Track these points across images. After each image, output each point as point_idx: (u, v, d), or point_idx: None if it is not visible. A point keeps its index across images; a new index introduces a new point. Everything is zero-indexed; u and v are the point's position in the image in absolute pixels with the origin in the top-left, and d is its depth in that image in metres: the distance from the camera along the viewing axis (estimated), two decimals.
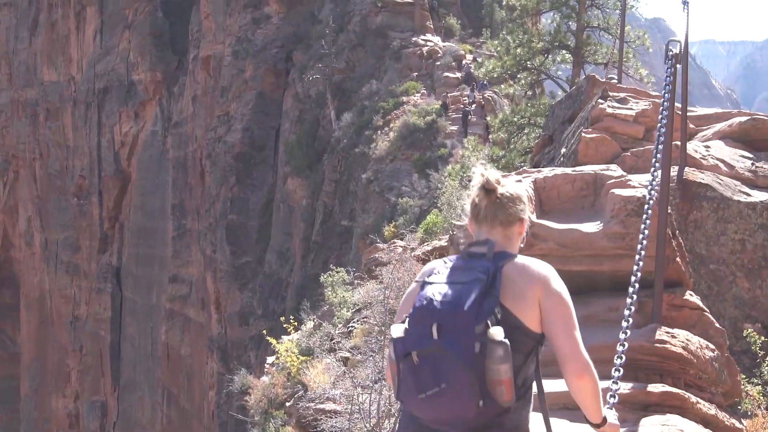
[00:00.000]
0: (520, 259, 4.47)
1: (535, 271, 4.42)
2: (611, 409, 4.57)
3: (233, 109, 56.55)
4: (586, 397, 4.40)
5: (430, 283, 4.38)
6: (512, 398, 4.09)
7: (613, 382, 5.42)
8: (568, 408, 6.86)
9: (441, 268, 4.49)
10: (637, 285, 6.42)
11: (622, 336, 5.84)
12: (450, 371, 4.07)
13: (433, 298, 4.23)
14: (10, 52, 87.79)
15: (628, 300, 6.31)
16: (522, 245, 4.58)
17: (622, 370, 5.45)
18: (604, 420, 4.51)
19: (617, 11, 30.06)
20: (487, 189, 4.46)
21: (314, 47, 51.50)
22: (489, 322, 4.11)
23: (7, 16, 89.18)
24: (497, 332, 4.07)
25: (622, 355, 5.44)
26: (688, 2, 11.14)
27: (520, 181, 8.92)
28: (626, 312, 6.08)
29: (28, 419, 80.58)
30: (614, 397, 5.49)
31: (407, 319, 4.30)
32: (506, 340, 4.11)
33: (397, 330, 4.24)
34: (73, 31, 79.89)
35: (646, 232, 6.84)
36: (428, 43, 45.69)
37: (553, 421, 6.22)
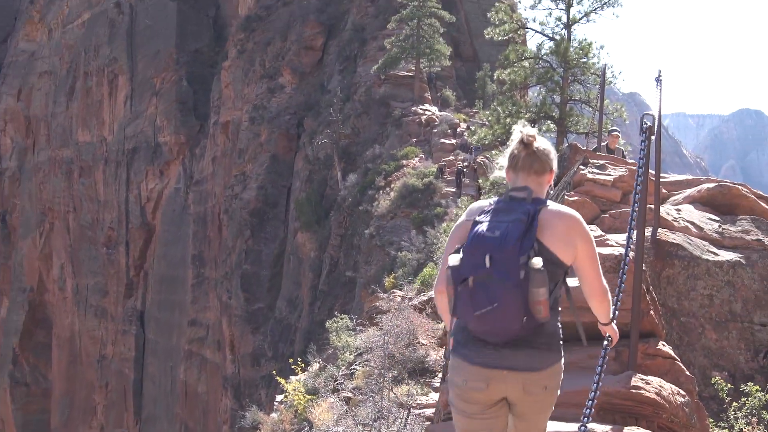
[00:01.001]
0: (552, 205, 5.21)
1: (569, 216, 5.21)
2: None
3: (249, 169, 56.73)
4: (604, 310, 5.65)
5: (481, 222, 5.12)
6: (548, 315, 4.95)
7: (581, 426, 5.52)
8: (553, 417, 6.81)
9: (488, 207, 5.25)
10: (608, 334, 6.58)
11: (592, 387, 5.89)
12: (500, 293, 4.85)
13: (485, 233, 4.97)
14: (48, 116, 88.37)
15: (602, 350, 6.37)
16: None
17: (590, 408, 5.63)
18: (611, 320, 5.85)
19: (597, 86, 30.29)
20: (525, 143, 5.20)
21: (323, 114, 51.77)
22: (530, 254, 4.87)
23: (47, 83, 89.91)
24: (537, 262, 4.83)
25: (591, 400, 5.70)
26: (661, 79, 11.24)
27: None
28: (600, 360, 6.15)
29: None
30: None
31: (462, 251, 5.05)
32: (544, 269, 4.86)
33: (454, 259, 5.01)
34: (106, 97, 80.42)
35: (623, 287, 6.89)
36: (426, 112, 45.89)
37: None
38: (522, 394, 5.19)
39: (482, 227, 5.04)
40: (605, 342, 6.23)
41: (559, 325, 5.29)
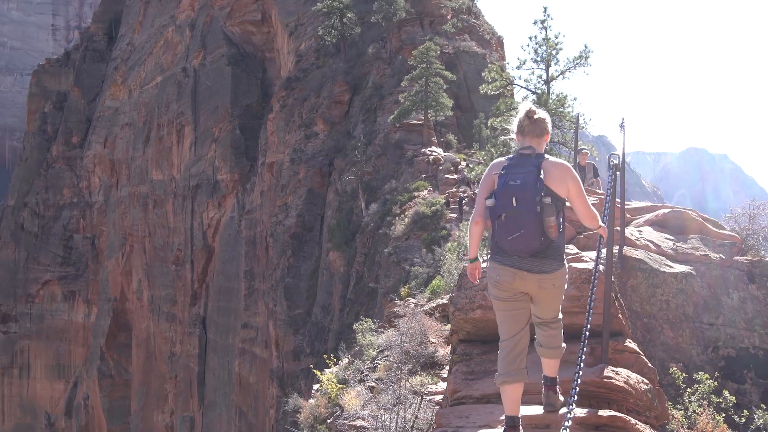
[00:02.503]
0: (550, 158, 6.43)
1: (562, 164, 6.41)
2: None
3: (290, 201, 56.85)
4: (595, 224, 6.68)
5: (504, 174, 6.32)
6: (557, 234, 6.31)
7: (567, 412, 5.53)
8: (538, 428, 6.76)
9: (506, 163, 6.43)
10: (588, 334, 6.59)
11: (575, 378, 5.88)
12: (525, 222, 6.15)
13: (509, 183, 6.22)
14: (129, 159, 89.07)
15: (580, 348, 6.37)
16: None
17: (575, 397, 5.66)
18: (601, 225, 6.77)
19: (572, 131, 30.22)
20: (529, 115, 6.49)
21: (349, 156, 51.83)
22: (542, 194, 6.14)
23: (127, 133, 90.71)
24: (547, 199, 6.17)
25: (574, 389, 5.96)
26: (623, 125, 11.24)
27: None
28: (579, 356, 6.13)
29: (136, 430, 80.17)
30: (570, 420, 5.58)
31: (494, 195, 6.34)
32: (552, 203, 6.21)
33: (490, 202, 6.33)
34: (175, 144, 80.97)
35: (595, 295, 6.89)
36: (433, 153, 45.88)
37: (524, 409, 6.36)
38: (537, 289, 6.49)
39: (506, 178, 6.27)
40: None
41: (563, 242, 6.57)
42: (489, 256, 6.66)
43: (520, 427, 6.31)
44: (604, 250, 7.54)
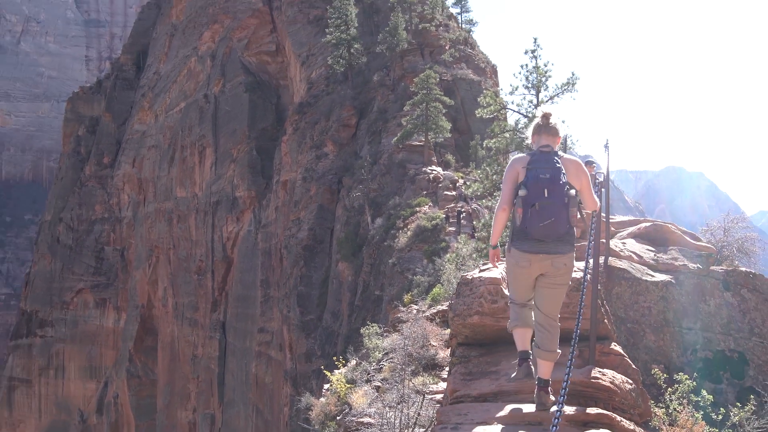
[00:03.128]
0: (564, 155, 6.93)
1: (575, 161, 6.96)
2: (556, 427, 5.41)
3: (302, 216, 56.90)
4: (596, 207, 7.29)
5: (532, 168, 6.72)
6: (574, 223, 6.76)
7: (557, 409, 5.52)
8: (531, 424, 6.73)
9: (530, 158, 6.84)
10: (577, 338, 6.55)
11: (564, 377, 5.87)
12: (556, 211, 6.56)
13: (540, 175, 6.60)
14: (155, 178, 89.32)
15: (570, 350, 6.35)
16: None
17: (564, 395, 5.64)
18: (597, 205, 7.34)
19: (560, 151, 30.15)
20: (546, 116, 6.98)
21: (357, 174, 51.91)
22: (568, 187, 6.64)
23: (154, 155, 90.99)
24: (573, 192, 6.71)
25: (564, 389, 5.89)
26: (608, 146, 11.22)
27: (496, 267, 8.90)
28: (569, 358, 6.11)
29: (161, 426, 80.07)
30: (559, 416, 5.56)
31: (526, 186, 6.66)
32: (575, 196, 6.74)
33: (522, 192, 6.64)
34: (197, 164, 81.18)
35: (583, 302, 6.86)
36: (433, 172, 45.92)
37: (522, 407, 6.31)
38: (551, 268, 6.84)
39: (535, 172, 6.65)
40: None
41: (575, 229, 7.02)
42: (510, 241, 7.01)
43: (529, 360, 7.06)
44: (591, 260, 7.52)
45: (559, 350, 6.89)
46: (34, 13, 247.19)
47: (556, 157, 6.78)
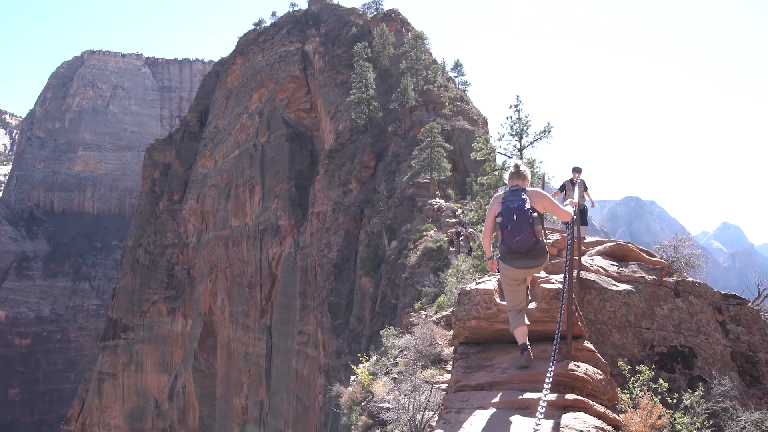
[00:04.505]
0: (529, 188, 7.54)
1: (538, 191, 7.57)
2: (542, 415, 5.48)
3: (332, 240, 57.01)
4: (569, 217, 7.69)
5: (504, 201, 7.45)
6: (542, 236, 7.33)
7: (542, 396, 5.46)
8: (520, 408, 6.68)
9: (503, 195, 7.57)
10: (557, 338, 6.50)
11: (548, 370, 5.83)
12: (523, 229, 7.22)
13: (510, 205, 7.32)
14: (215, 211, 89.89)
15: (553, 348, 6.31)
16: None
17: (548, 385, 5.57)
18: (573, 216, 7.80)
19: (540, 186, 30.16)
20: (516, 166, 7.66)
21: (375, 206, 52.05)
22: (532, 211, 7.25)
23: (214, 192, 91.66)
24: (537, 214, 7.29)
25: (548, 380, 5.60)
26: (577, 182, 11.27)
27: (490, 280, 8.88)
28: (551, 356, 6.08)
29: (220, 411, 79.80)
30: (545, 402, 5.50)
31: (501, 215, 7.43)
32: (538, 216, 7.31)
33: (499, 219, 7.43)
34: (248, 199, 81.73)
35: (561, 308, 6.83)
36: (437, 203, 45.88)
37: (511, 416, 6.23)
38: (536, 270, 7.57)
39: (508, 204, 7.35)
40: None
41: (547, 242, 7.78)
42: (500, 257, 7.63)
43: (529, 350, 7.43)
44: (567, 275, 7.51)
45: (528, 322, 7.83)
46: (120, 82, 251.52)
47: (522, 193, 7.47)
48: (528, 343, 7.46)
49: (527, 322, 7.73)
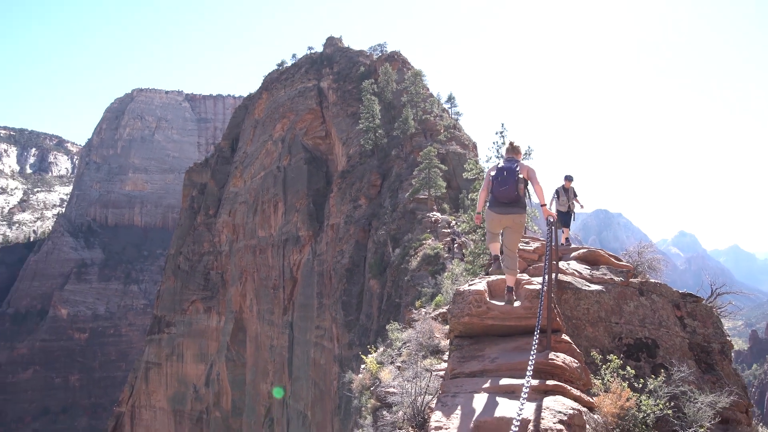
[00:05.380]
0: (522, 162, 7.98)
1: (527, 165, 7.96)
2: (526, 396, 5.48)
3: (344, 248, 56.99)
4: (543, 198, 8.04)
5: (501, 166, 8.00)
6: (524, 193, 7.93)
7: (526, 382, 5.43)
8: (508, 392, 6.65)
9: (501, 162, 8.11)
10: (539, 331, 6.47)
11: (530, 359, 5.80)
12: (509, 183, 7.84)
13: (504, 167, 7.88)
14: (244, 223, 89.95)
15: (533, 340, 6.28)
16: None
17: (531, 372, 5.53)
18: (547, 206, 8.22)
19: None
20: (511, 143, 8.17)
21: (382, 218, 52.05)
22: (518, 173, 7.80)
23: (243, 208, 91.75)
24: (522, 177, 7.84)
25: (530, 367, 5.58)
26: (554, 198, 11.26)
27: (483, 279, 8.87)
28: (532, 347, 6.05)
29: (249, 394, 79.49)
30: (528, 387, 5.47)
31: (495, 171, 8.02)
32: (522, 179, 7.79)
33: (494, 173, 8.00)
34: (272, 213, 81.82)
35: (541, 306, 6.81)
36: (434, 216, 45.87)
37: (499, 399, 6.18)
38: (511, 222, 8.02)
39: (501, 167, 7.90)
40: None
41: (526, 200, 8.09)
42: (488, 206, 8.21)
43: (500, 260, 8.41)
44: (546, 277, 7.48)
45: (518, 269, 8.37)
46: (164, 114, 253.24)
47: (515, 162, 7.98)
48: (500, 254, 8.47)
49: (499, 242, 8.58)
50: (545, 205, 8.33)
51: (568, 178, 16.51)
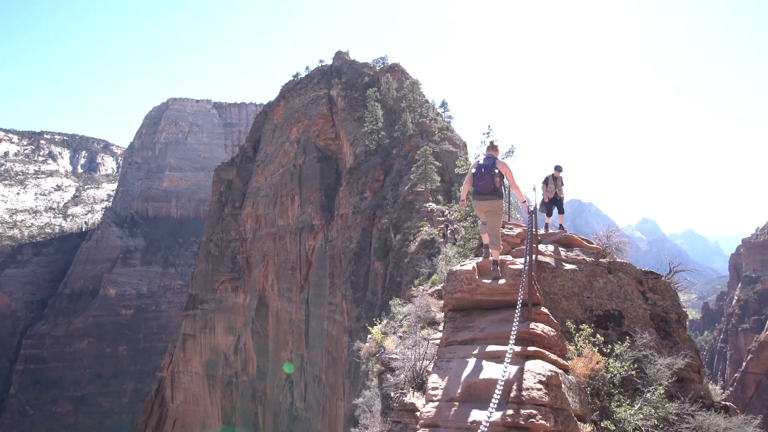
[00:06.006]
0: (499, 159, 8.32)
1: (503, 162, 8.32)
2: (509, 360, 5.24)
3: (352, 234, 56.99)
4: (521, 196, 8.36)
5: (480, 163, 8.36)
6: (500, 186, 8.27)
7: (509, 348, 5.45)
8: (495, 357, 6.68)
9: (481, 159, 8.39)
10: (520, 305, 6.49)
11: (513, 329, 5.82)
12: (487, 178, 8.24)
13: (483, 164, 8.24)
14: (265, 214, 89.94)
15: (516, 312, 6.30)
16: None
17: (514, 340, 5.53)
18: (525, 200, 8.61)
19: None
20: (491, 142, 8.40)
21: (385, 208, 51.99)
22: (494, 169, 8.16)
23: (265, 200, 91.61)
24: (498, 172, 8.22)
25: (513, 336, 5.60)
26: (535, 189, 11.21)
27: (472, 260, 8.89)
28: (515, 318, 6.06)
29: (271, 361, 79.88)
30: (511, 352, 5.48)
31: (476, 169, 8.35)
32: (499, 172, 8.15)
33: (475, 170, 8.36)
34: (290, 205, 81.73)
35: (523, 283, 6.81)
36: (430, 206, 45.84)
37: (486, 364, 6.18)
38: (491, 208, 8.28)
39: (482, 164, 8.20)
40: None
41: (503, 190, 8.39)
42: (472, 196, 8.61)
43: (489, 249, 8.54)
44: (527, 258, 7.45)
45: (501, 247, 8.65)
46: (195, 120, 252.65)
47: (494, 159, 8.31)
48: (488, 244, 8.73)
49: (487, 232, 8.88)
50: (525, 201, 8.83)
51: (558, 168, 15.58)
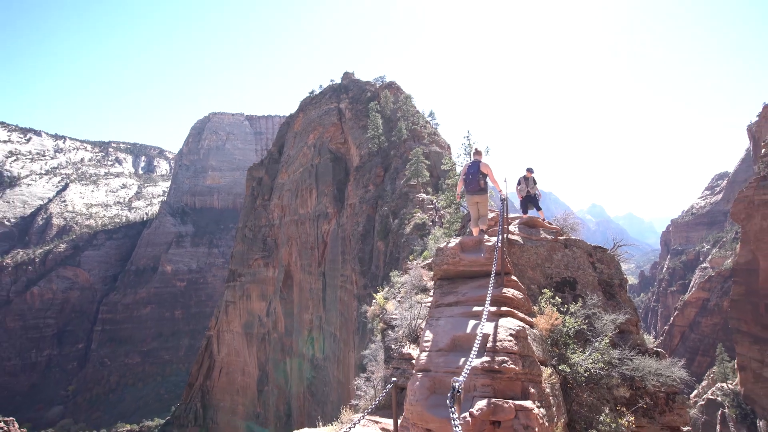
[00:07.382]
0: (482, 161, 8.37)
1: (485, 163, 8.49)
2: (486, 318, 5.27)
3: (359, 220, 56.91)
4: (498, 186, 8.06)
5: (468, 167, 8.45)
6: (484, 186, 8.52)
7: (486, 308, 5.45)
8: (474, 316, 6.72)
9: (469, 163, 8.27)
10: (494, 274, 6.49)
11: (488, 293, 5.83)
12: (474, 180, 8.41)
13: (471, 169, 8.32)
14: (289, 205, 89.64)
15: (491, 280, 6.30)
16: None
17: (489, 302, 5.52)
18: (504, 193, 8.06)
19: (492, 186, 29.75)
20: (476, 149, 8.44)
21: (385, 199, 51.85)
22: (479, 172, 8.19)
23: (288, 194, 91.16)
24: (483, 174, 8.28)
25: (489, 299, 5.59)
26: (506, 180, 11.11)
27: (456, 239, 8.89)
28: (490, 284, 6.07)
29: (296, 321, 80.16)
30: (487, 312, 5.48)
31: (466, 172, 8.43)
32: (483, 175, 8.26)
33: (464, 176, 8.46)
34: (308, 197, 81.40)
35: (496, 256, 6.80)
36: (421, 196, 45.68)
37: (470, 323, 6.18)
38: (479, 199, 8.47)
39: (470, 168, 8.18)
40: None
41: (489, 189, 8.26)
42: (465, 192, 8.76)
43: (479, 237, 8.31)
44: (500, 237, 7.41)
45: (488, 222, 9.02)
46: (231, 129, 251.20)
47: (479, 163, 8.51)
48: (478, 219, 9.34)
49: (479, 227, 9.20)
50: (501, 190, 8.97)
51: (529, 170, 15.29)
